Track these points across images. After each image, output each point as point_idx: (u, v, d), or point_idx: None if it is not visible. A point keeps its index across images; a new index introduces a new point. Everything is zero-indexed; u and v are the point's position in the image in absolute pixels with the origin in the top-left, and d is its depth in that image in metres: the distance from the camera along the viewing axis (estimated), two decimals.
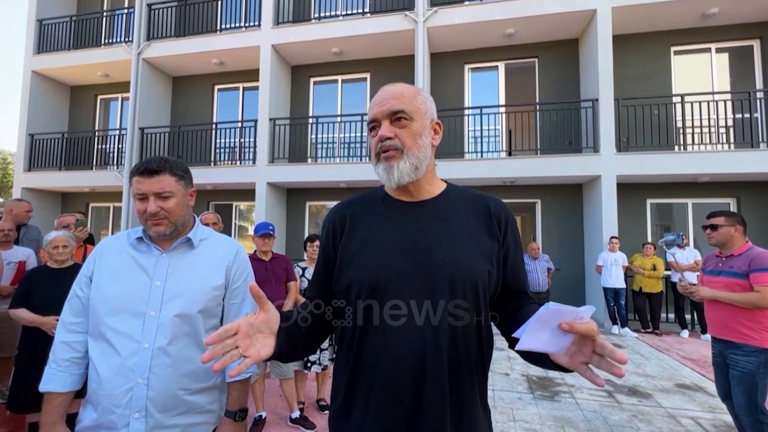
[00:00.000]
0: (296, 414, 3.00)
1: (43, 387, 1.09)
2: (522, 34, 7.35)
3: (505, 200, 7.59)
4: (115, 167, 8.77)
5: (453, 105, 7.72)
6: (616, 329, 6.11)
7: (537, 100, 7.57)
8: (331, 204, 8.55)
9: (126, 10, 9.17)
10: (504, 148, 7.68)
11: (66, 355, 1.11)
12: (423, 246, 0.88)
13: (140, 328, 1.07)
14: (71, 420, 1.14)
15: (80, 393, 1.17)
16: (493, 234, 0.92)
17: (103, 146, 9.41)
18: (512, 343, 0.90)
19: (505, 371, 4.24)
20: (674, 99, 6.72)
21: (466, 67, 7.99)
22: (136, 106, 8.41)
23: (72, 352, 1.11)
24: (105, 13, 9.52)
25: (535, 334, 0.69)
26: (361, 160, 7.61)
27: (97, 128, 9.86)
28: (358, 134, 7.85)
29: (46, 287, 2.51)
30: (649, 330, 6.15)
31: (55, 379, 1.09)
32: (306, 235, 8.44)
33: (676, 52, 7.23)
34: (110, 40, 9.45)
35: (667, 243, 2.95)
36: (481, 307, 0.88)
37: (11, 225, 3.40)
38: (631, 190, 6.97)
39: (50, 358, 1.12)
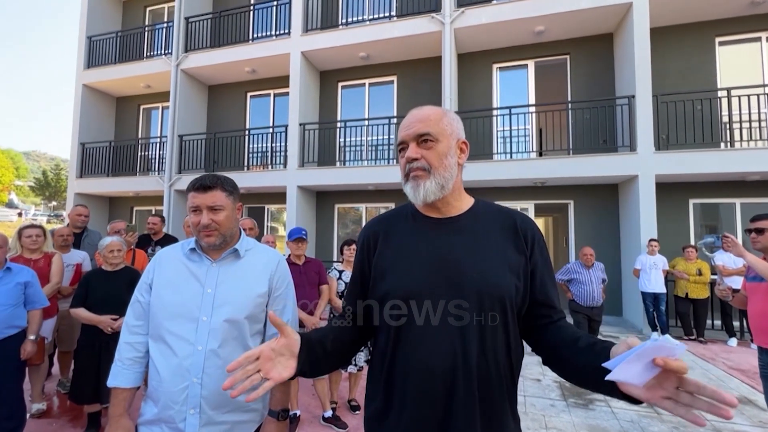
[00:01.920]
0: (329, 413, 3.09)
1: (110, 383, 1.22)
2: (552, 31, 7.17)
3: (536, 201, 7.44)
4: (156, 173, 9.30)
5: (481, 105, 7.64)
6: (655, 336, 5.83)
7: (569, 98, 7.36)
8: (359, 206, 8.68)
9: (165, 24, 9.70)
10: (534, 149, 7.51)
11: (129, 354, 1.23)
12: (452, 261, 0.92)
13: (194, 332, 1.17)
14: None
15: None
16: (520, 249, 0.95)
17: (146, 153, 10.00)
18: (543, 356, 0.94)
19: (537, 377, 4.16)
20: (720, 93, 6.34)
21: (494, 66, 7.88)
22: (175, 115, 8.87)
23: (134, 352, 1.23)
24: (146, 28, 10.11)
25: (631, 366, 0.66)
26: (388, 162, 7.68)
27: (140, 136, 10.47)
28: (386, 137, 7.92)
29: (102, 288, 2.73)
30: (693, 337, 5.84)
31: (120, 375, 1.21)
32: (335, 235, 8.63)
33: (722, 43, 6.82)
34: (151, 53, 10.01)
35: (706, 245, 2.82)
36: (509, 320, 0.91)
37: (70, 230, 3.71)
38: (671, 190, 6.64)
39: (116, 356, 1.24)
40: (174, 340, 1.16)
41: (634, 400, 0.71)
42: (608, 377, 0.68)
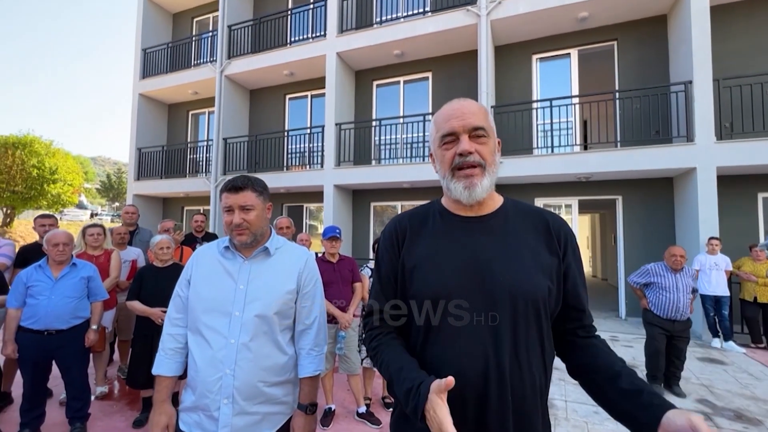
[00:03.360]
0: (363, 409, 3.13)
1: (154, 371, 1.31)
2: (598, 17, 6.74)
3: (580, 197, 7.08)
4: (204, 174, 9.85)
5: (520, 99, 7.37)
6: (717, 342, 5.34)
7: (617, 87, 6.90)
8: (395, 204, 8.69)
9: (210, 33, 10.24)
10: (578, 142, 7.12)
11: (171, 345, 1.32)
12: (483, 262, 0.89)
13: (227, 326, 1.23)
14: (174, 398, 1.34)
15: (181, 376, 1.38)
16: (552, 250, 0.92)
17: (194, 156, 10.62)
18: (572, 372, 0.93)
19: None
20: None
21: (534, 57, 7.54)
22: (220, 119, 9.35)
23: (175, 343, 1.32)
24: (194, 38, 10.72)
25: None
26: (423, 160, 7.61)
27: (189, 140, 11.14)
28: (420, 134, 7.85)
29: (153, 283, 2.93)
30: (762, 345, 5.29)
31: (163, 364, 1.30)
32: (371, 233, 8.70)
33: None
34: (198, 61, 10.61)
35: (766, 248, 2.52)
36: (542, 322, 0.87)
37: (125, 229, 4.03)
38: (736, 183, 6.04)
39: (159, 347, 1.33)
40: (209, 332, 1.23)
41: None
42: None
